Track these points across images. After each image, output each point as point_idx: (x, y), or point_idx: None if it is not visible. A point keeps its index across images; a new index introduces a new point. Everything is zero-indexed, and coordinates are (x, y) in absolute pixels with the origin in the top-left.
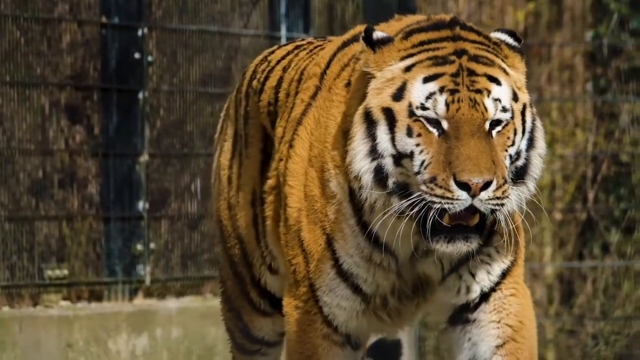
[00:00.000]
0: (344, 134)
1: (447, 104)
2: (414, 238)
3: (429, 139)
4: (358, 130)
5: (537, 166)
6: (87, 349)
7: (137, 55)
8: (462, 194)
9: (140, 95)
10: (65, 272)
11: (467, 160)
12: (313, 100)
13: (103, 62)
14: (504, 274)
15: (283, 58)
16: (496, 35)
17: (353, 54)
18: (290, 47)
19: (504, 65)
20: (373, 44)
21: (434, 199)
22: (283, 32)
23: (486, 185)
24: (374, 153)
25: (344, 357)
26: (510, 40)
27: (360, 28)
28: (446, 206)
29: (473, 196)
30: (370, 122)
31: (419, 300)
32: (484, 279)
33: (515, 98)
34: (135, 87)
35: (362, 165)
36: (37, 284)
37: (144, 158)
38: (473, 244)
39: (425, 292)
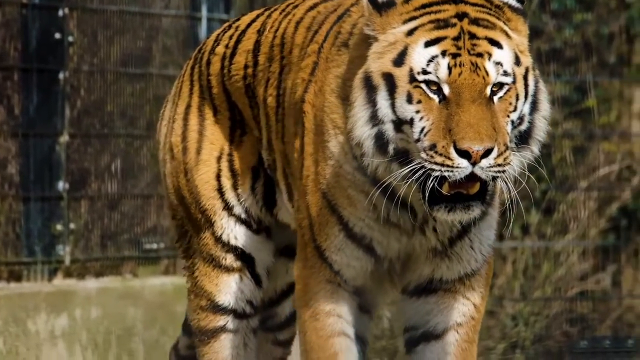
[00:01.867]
0: (341, 96)
1: (449, 68)
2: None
3: (429, 105)
4: (358, 96)
5: (541, 129)
6: (5, 329)
7: (57, 36)
8: (463, 162)
9: (61, 76)
10: None
11: (467, 128)
12: (312, 77)
13: (23, 42)
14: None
15: (254, 21)
16: None
17: (352, 22)
18: (259, 10)
19: (506, 28)
20: (379, 7)
21: (434, 166)
22: (204, 12)
23: (487, 152)
24: (374, 119)
25: (350, 300)
26: (512, 2)
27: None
28: (446, 174)
29: (474, 164)
30: (370, 88)
31: (421, 267)
32: (486, 247)
33: (517, 62)
34: (56, 67)
35: (363, 131)
36: None
37: (64, 138)
38: (474, 212)
39: (421, 261)
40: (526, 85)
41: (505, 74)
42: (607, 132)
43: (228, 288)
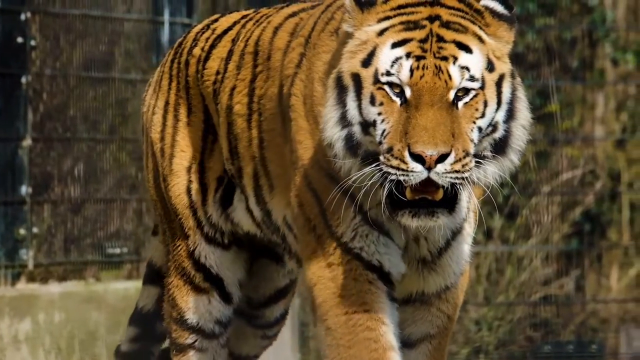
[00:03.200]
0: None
1: (411, 70)
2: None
3: (390, 107)
4: (330, 96)
5: (519, 137)
6: None
7: (20, 40)
8: (417, 166)
9: (23, 80)
10: None
11: (422, 131)
12: (298, 69)
13: None
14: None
15: (230, 28)
16: (485, 2)
17: (340, 4)
18: (237, 16)
19: (480, 32)
20: (362, 5)
21: (390, 170)
22: (166, 16)
23: (442, 157)
24: (344, 120)
25: (389, 303)
26: (499, 8)
27: None
28: (401, 178)
29: (429, 169)
30: (341, 88)
31: (410, 279)
32: (463, 262)
33: (490, 68)
34: (18, 71)
35: (333, 132)
36: None
37: (27, 142)
38: (440, 219)
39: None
40: (499, 92)
41: (472, 79)
42: (570, 136)
43: (196, 309)
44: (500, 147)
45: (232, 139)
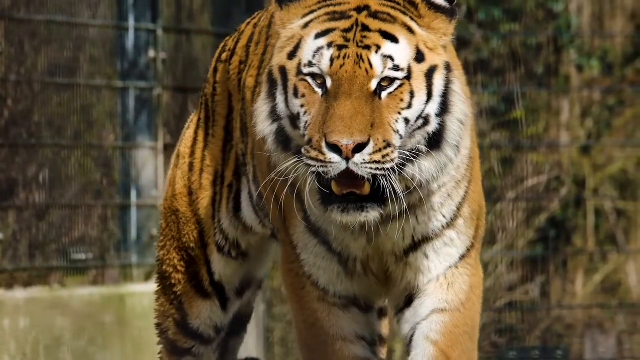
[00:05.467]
0: None
1: (332, 60)
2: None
3: (312, 99)
4: (262, 90)
5: (454, 132)
6: None
7: None
8: (334, 157)
9: None
10: None
11: (338, 121)
12: None
13: None
14: (462, 256)
15: (253, 18)
16: None
17: None
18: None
19: (411, 23)
20: (281, 2)
21: (310, 161)
22: (131, 22)
23: (359, 147)
24: (274, 115)
25: (349, 319)
26: (438, 0)
27: None
28: (321, 170)
29: (347, 159)
30: (271, 82)
31: (389, 269)
32: (446, 259)
33: (419, 58)
34: None
35: (264, 127)
36: None
37: None
38: (370, 214)
39: (388, 263)
40: (430, 84)
41: (396, 68)
42: (535, 142)
43: (200, 314)
44: (435, 142)
45: (243, 116)
